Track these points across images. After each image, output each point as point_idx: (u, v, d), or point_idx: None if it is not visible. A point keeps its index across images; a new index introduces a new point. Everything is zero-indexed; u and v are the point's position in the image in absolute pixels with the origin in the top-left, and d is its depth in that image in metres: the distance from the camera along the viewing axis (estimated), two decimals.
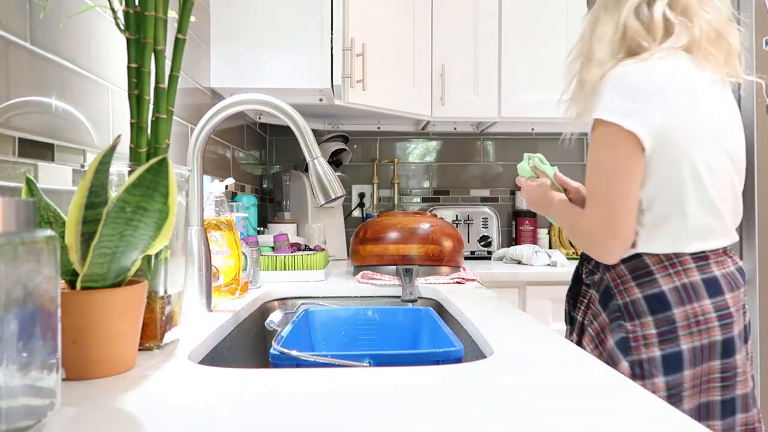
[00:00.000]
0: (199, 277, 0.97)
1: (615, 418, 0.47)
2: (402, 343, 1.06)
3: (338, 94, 1.74)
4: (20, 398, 0.40)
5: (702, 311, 0.96)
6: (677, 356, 0.95)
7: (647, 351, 0.96)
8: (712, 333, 0.95)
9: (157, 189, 0.57)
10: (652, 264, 0.98)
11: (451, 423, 0.45)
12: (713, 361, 0.96)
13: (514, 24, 2.12)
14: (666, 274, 0.98)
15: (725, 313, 0.97)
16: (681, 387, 0.95)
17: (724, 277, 0.99)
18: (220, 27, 1.67)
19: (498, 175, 2.53)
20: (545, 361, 0.66)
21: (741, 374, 0.97)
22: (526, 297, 1.82)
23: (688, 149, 0.96)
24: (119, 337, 0.59)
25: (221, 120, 1.01)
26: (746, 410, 0.98)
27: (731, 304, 0.98)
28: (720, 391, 0.97)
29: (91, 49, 0.97)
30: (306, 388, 0.55)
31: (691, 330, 0.95)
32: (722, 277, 0.99)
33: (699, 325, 0.95)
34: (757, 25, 1.79)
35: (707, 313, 0.96)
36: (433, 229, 1.48)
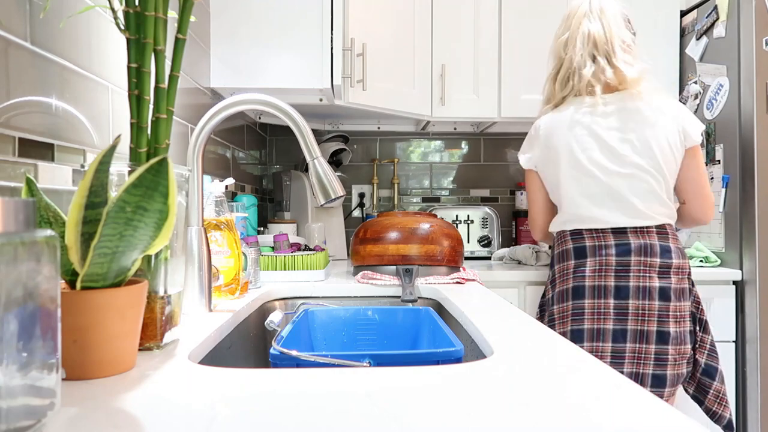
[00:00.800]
0: (199, 277, 0.97)
1: (615, 418, 0.47)
2: (402, 343, 1.06)
3: (338, 94, 1.74)
4: (20, 398, 0.40)
5: (573, 265, 1.49)
6: (553, 296, 1.52)
7: (549, 292, 1.56)
8: (568, 282, 1.49)
9: (157, 189, 0.57)
10: (556, 238, 1.57)
11: (452, 423, 0.45)
12: (569, 302, 1.48)
13: (514, 24, 2.12)
14: (558, 244, 1.55)
15: (579, 269, 1.47)
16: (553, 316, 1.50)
17: (591, 248, 1.47)
18: (220, 27, 1.67)
19: (498, 175, 2.53)
20: (545, 361, 0.66)
21: (588, 314, 1.45)
22: (526, 297, 1.82)
23: (549, 171, 1.56)
24: (119, 337, 0.59)
25: (221, 120, 1.01)
26: (592, 340, 1.44)
27: (589, 265, 1.46)
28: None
29: (91, 49, 0.97)
30: (306, 388, 0.55)
31: (560, 279, 1.51)
32: (590, 248, 1.47)
33: (562, 276, 1.50)
34: (757, 25, 1.79)
35: (570, 268, 1.49)
36: (433, 229, 1.48)
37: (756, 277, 1.78)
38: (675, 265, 1.43)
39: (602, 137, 1.48)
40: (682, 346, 1.42)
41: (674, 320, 1.41)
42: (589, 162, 1.49)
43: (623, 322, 1.43)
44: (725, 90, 1.90)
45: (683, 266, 1.45)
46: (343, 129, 2.38)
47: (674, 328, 1.41)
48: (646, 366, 1.41)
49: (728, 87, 1.89)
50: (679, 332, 1.41)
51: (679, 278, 1.44)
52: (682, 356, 1.42)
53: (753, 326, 1.79)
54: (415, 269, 1.41)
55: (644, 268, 1.43)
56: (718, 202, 1.91)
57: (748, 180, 1.82)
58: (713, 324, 1.82)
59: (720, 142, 1.92)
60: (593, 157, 1.48)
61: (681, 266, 1.44)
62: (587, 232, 1.49)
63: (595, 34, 1.50)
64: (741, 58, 1.83)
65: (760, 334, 1.77)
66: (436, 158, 2.54)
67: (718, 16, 1.92)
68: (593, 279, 1.45)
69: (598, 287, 1.45)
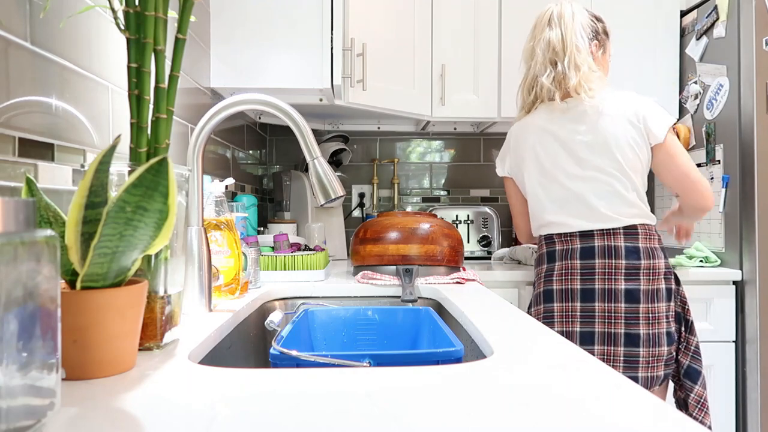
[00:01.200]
0: (199, 277, 0.97)
1: (615, 418, 0.47)
2: (402, 343, 1.06)
3: (338, 94, 1.74)
4: (20, 398, 0.40)
5: (545, 269, 1.53)
6: (531, 299, 1.58)
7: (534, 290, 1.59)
8: (540, 286, 1.54)
9: (157, 189, 0.57)
10: (537, 242, 1.62)
11: (451, 423, 0.45)
12: (540, 305, 1.52)
13: (514, 24, 2.12)
14: (537, 248, 1.61)
15: (549, 273, 1.51)
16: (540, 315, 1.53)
17: (560, 252, 1.51)
18: (220, 27, 1.67)
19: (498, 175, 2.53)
20: (545, 360, 0.66)
21: (558, 317, 1.48)
22: (526, 297, 1.82)
23: (520, 177, 1.64)
24: (119, 337, 0.59)
25: (221, 120, 1.01)
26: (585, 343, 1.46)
27: (557, 269, 1.50)
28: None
29: (91, 49, 0.97)
30: (306, 388, 0.55)
31: (537, 283, 1.56)
32: (558, 252, 1.51)
33: (538, 280, 1.56)
34: (757, 25, 1.79)
35: (543, 272, 1.53)
36: (433, 229, 1.48)
37: (756, 277, 1.78)
38: (644, 266, 1.42)
39: (564, 141, 1.51)
40: (656, 348, 1.40)
41: (645, 322, 1.40)
42: (553, 167, 1.52)
43: (590, 325, 1.44)
44: (725, 90, 1.90)
45: (656, 266, 1.43)
46: (343, 129, 2.38)
47: (645, 330, 1.40)
48: (616, 368, 1.40)
49: (728, 87, 1.89)
50: (652, 334, 1.40)
51: (650, 279, 1.42)
52: (656, 359, 1.41)
53: (753, 326, 1.79)
54: (415, 269, 1.41)
55: (609, 270, 1.43)
56: (718, 202, 1.91)
57: (748, 180, 1.82)
58: (714, 324, 1.83)
59: (720, 142, 1.92)
60: (557, 161, 1.52)
61: (653, 266, 1.43)
62: (557, 237, 1.52)
63: (554, 41, 1.53)
64: (741, 58, 1.83)
65: (760, 334, 1.77)
66: (436, 158, 2.54)
67: (718, 16, 1.92)
68: (561, 282, 1.48)
69: (565, 290, 1.48)
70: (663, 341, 1.41)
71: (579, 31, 1.53)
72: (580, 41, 1.53)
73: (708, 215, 1.97)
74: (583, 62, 1.50)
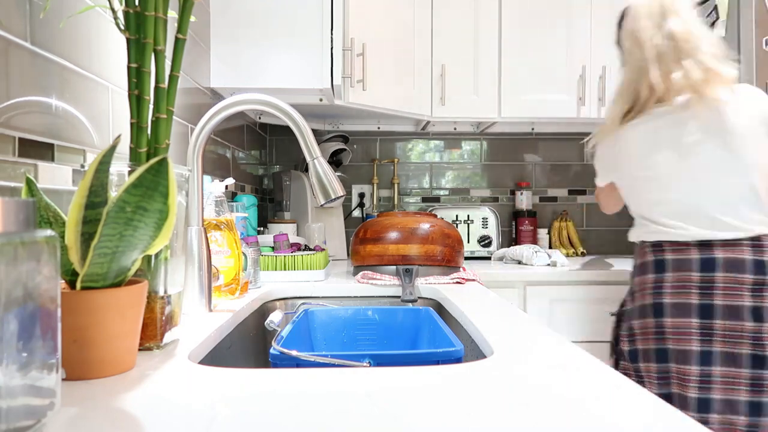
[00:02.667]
0: (199, 277, 0.97)
1: (615, 418, 0.47)
2: (402, 343, 1.06)
3: (338, 94, 1.74)
4: (20, 398, 0.40)
5: (642, 281, 1.39)
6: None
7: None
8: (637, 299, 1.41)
9: (157, 189, 0.57)
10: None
11: (452, 423, 0.45)
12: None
13: (514, 24, 2.12)
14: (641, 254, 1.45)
15: (647, 286, 1.37)
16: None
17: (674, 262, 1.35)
18: (220, 27, 1.67)
19: (498, 175, 2.53)
20: (545, 361, 0.66)
21: (639, 334, 1.37)
22: (526, 297, 1.82)
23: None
24: (119, 337, 0.59)
25: (221, 120, 1.01)
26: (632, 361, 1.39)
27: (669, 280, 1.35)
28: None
29: (91, 49, 0.97)
30: (306, 388, 0.55)
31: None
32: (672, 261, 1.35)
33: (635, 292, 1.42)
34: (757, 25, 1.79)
35: (645, 283, 1.38)
36: (433, 229, 1.48)
37: None
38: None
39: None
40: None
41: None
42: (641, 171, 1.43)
43: (709, 344, 1.28)
44: None
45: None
46: (343, 129, 2.38)
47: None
48: (740, 393, 1.26)
49: None
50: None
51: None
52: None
53: None
54: (415, 269, 1.41)
55: (732, 285, 1.28)
56: None
57: None
58: None
59: None
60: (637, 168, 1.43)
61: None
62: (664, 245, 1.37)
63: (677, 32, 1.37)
64: (741, 58, 1.83)
65: None
66: (435, 158, 2.54)
67: (718, 16, 1.92)
68: (674, 296, 1.32)
69: (679, 305, 1.32)
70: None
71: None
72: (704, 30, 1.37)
73: None
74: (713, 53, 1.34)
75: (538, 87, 2.11)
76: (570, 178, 2.52)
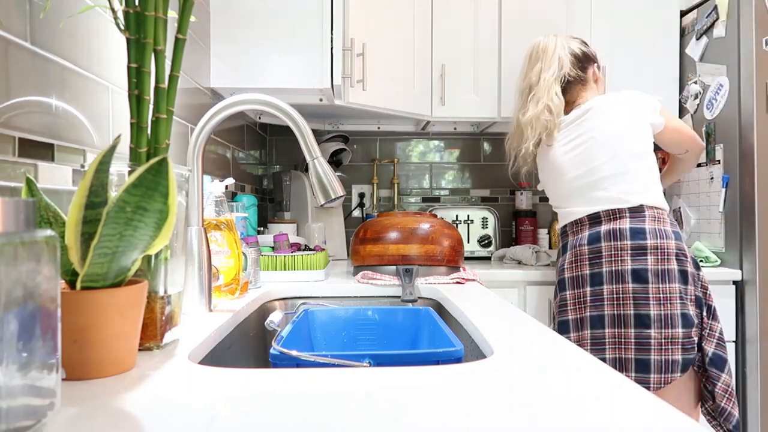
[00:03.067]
0: (199, 277, 0.97)
1: (615, 418, 0.47)
2: (402, 343, 1.06)
3: (338, 94, 1.74)
4: (20, 398, 0.40)
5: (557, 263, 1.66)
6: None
7: None
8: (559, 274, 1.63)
9: (157, 189, 0.57)
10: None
11: (451, 423, 0.45)
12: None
13: (515, 24, 2.12)
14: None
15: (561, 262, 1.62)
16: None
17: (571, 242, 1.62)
18: (220, 27, 1.67)
19: (498, 175, 2.53)
20: (545, 361, 0.66)
21: (570, 305, 1.55)
22: (526, 297, 1.82)
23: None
24: (119, 337, 0.59)
25: (221, 120, 1.01)
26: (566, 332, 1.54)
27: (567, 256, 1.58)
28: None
29: (91, 49, 0.97)
30: (306, 388, 0.55)
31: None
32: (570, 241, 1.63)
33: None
34: (757, 25, 1.79)
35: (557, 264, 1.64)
36: (433, 229, 1.48)
37: (756, 277, 1.78)
38: (652, 245, 1.43)
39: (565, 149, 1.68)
40: (669, 329, 1.38)
41: (656, 302, 1.39)
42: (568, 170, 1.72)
43: (600, 308, 1.47)
44: (725, 90, 1.90)
45: (664, 246, 1.43)
46: (343, 129, 2.38)
47: (656, 311, 1.39)
48: (628, 351, 1.40)
49: (728, 87, 1.89)
50: (664, 315, 1.39)
51: (658, 258, 1.42)
52: (670, 341, 1.38)
53: (753, 326, 1.79)
54: (415, 269, 1.41)
55: (615, 252, 1.47)
56: (718, 202, 1.91)
57: (748, 180, 1.82)
58: None
59: (720, 142, 1.92)
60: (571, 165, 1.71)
61: (661, 246, 1.43)
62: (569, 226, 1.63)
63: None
64: (741, 58, 1.83)
65: (760, 334, 1.77)
66: (436, 158, 2.54)
67: (718, 16, 1.92)
68: (570, 270, 1.55)
69: (575, 277, 1.55)
70: (678, 323, 1.38)
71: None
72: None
73: (708, 215, 1.97)
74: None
75: None
76: None
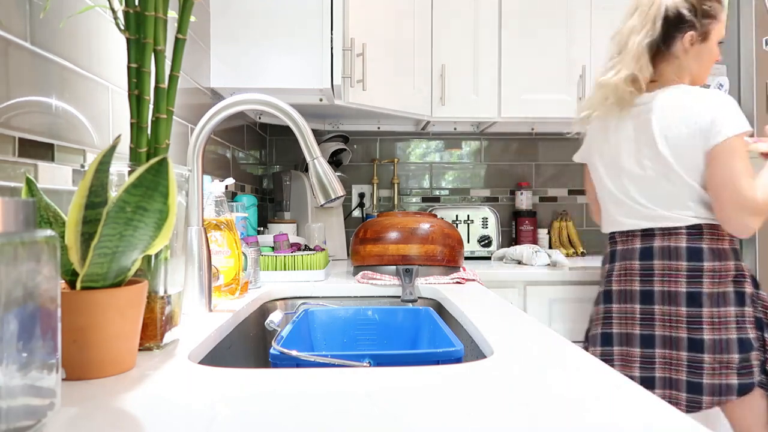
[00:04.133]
0: (199, 277, 0.97)
1: (615, 418, 0.47)
2: (402, 343, 1.06)
3: (338, 94, 1.74)
4: (20, 398, 0.40)
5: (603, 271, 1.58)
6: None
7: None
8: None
9: (157, 189, 0.57)
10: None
11: (451, 423, 0.45)
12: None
13: (514, 24, 2.12)
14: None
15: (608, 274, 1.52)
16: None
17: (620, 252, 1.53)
18: (220, 27, 1.67)
19: (498, 175, 2.53)
20: (545, 361, 0.66)
21: (616, 319, 1.47)
22: (526, 297, 1.82)
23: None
24: (119, 337, 0.59)
25: (221, 120, 1.01)
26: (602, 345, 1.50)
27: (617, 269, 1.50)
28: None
29: (91, 49, 0.97)
30: (306, 388, 0.55)
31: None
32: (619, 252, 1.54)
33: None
34: (757, 25, 1.79)
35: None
36: (433, 229, 1.48)
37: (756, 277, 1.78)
38: (708, 268, 1.36)
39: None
40: (725, 354, 1.33)
41: (710, 327, 1.34)
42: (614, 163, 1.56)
43: (650, 328, 1.41)
44: (725, 90, 1.90)
45: (722, 269, 1.36)
46: (343, 129, 2.38)
47: (709, 336, 1.33)
48: (680, 372, 1.37)
49: (728, 87, 1.89)
50: (718, 340, 1.33)
51: (714, 282, 1.36)
52: (726, 365, 1.33)
53: None
54: (415, 269, 1.41)
55: (669, 273, 1.39)
56: None
57: None
58: None
59: None
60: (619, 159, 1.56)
61: (718, 269, 1.36)
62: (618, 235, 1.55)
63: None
64: (741, 58, 1.83)
65: None
66: (436, 158, 2.54)
67: None
68: (619, 283, 1.47)
69: (624, 292, 1.46)
70: (733, 348, 1.33)
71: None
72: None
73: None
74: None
75: (538, 87, 2.11)
76: (570, 178, 2.52)
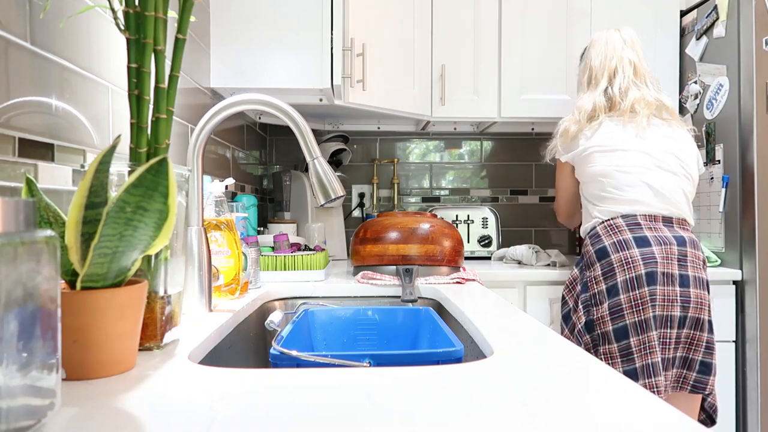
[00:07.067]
0: (199, 277, 0.97)
1: (615, 417, 0.47)
2: (402, 343, 1.06)
3: (338, 94, 1.74)
4: (20, 398, 0.40)
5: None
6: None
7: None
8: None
9: (157, 189, 0.57)
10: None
11: (451, 423, 0.45)
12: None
13: (515, 24, 2.12)
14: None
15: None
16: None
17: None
18: (220, 27, 1.67)
19: (498, 175, 2.53)
20: (545, 361, 0.66)
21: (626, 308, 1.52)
22: (526, 297, 1.82)
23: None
24: (119, 337, 0.59)
25: (221, 120, 1.01)
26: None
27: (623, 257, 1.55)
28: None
29: (91, 49, 0.97)
30: (306, 388, 0.55)
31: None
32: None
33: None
34: (757, 25, 1.79)
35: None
36: (433, 229, 1.48)
37: (756, 277, 1.78)
38: (691, 254, 1.55)
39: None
40: (698, 332, 1.52)
41: (709, 309, 1.54)
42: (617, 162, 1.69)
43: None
44: (725, 90, 1.90)
45: (700, 256, 1.57)
46: (343, 129, 2.38)
47: (710, 317, 1.54)
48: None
49: (728, 87, 1.89)
50: (698, 319, 1.52)
51: (697, 267, 1.55)
52: (695, 342, 1.53)
53: (753, 326, 1.79)
54: (415, 269, 1.41)
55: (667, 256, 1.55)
56: (718, 202, 1.91)
57: (748, 180, 1.82)
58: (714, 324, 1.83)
59: (720, 142, 1.92)
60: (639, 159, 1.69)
61: (698, 256, 1.56)
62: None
63: (634, 62, 1.69)
64: (741, 58, 1.83)
65: (760, 334, 1.77)
66: (436, 158, 2.54)
67: (718, 16, 1.92)
68: (623, 273, 1.56)
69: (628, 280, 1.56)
70: (705, 328, 1.52)
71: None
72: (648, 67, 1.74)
73: (708, 215, 1.97)
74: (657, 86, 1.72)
75: (538, 87, 2.11)
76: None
